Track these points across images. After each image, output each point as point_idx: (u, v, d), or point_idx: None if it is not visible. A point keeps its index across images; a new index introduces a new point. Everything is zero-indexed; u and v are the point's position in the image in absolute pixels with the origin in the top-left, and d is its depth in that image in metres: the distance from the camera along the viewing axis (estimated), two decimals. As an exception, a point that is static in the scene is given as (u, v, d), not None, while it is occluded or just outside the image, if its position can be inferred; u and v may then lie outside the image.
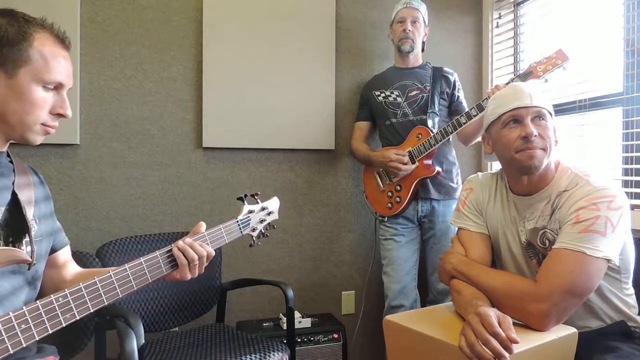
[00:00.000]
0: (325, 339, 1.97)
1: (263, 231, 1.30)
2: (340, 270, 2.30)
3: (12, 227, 0.92)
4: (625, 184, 1.78)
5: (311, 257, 2.26)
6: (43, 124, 0.92)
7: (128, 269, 0.94)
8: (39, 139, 0.94)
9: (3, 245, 0.89)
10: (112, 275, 0.91)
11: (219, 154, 2.10)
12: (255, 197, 1.30)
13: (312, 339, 1.95)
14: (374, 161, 2.01)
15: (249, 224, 1.24)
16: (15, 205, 0.94)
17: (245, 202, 1.25)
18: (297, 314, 1.96)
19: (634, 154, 1.75)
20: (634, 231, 1.18)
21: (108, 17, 1.92)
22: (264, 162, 2.17)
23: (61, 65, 0.92)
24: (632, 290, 1.18)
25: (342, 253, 2.31)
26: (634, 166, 1.75)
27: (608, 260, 1.02)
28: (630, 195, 1.73)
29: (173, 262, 1.03)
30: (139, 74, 1.97)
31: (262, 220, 1.29)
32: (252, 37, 2.09)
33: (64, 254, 1.12)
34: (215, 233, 1.12)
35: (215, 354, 1.52)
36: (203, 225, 1.11)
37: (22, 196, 0.95)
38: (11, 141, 0.96)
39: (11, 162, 0.99)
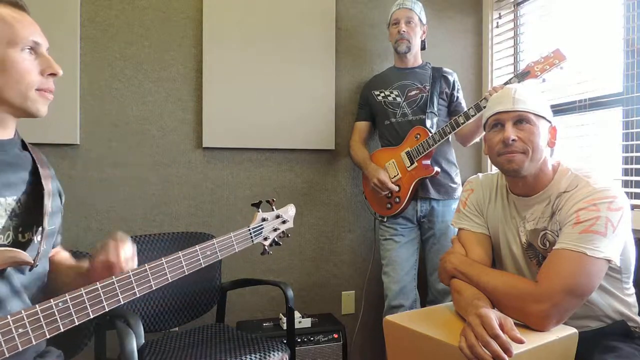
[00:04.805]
0: (325, 339, 1.97)
1: (276, 240, 1.23)
2: (340, 270, 2.30)
3: (24, 219, 0.91)
4: (625, 184, 1.78)
5: (311, 257, 2.25)
6: (38, 89, 0.90)
7: (132, 275, 0.94)
8: (42, 108, 0.92)
9: (12, 236, 0.89)
10: (115, 282, 0.91)
11: (219, 154, 2.10)
12: (271, 203, 1.23)
13: (312, 339, 1.95)
14: (367, 172, 2.02)
15: (261, 232, 1.18)
16: (32, 197, 0.94)
17: (259, 209, 1.19)
18: (297, 314, 1.96)
19: (634, 154, 1.75)
20: (634, 231, 1.18)
21: (108, 17, 1.92)
22: (264, 162, 2.17)
23: (25, 26, 0.90)
24: (632, 290, 1.18)
25: (342, 253, 2.31)
26: (634, 166, 1.75)
27: (609, 261, 1.02)
28: (630, 195, 1.73)
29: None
30: (139, 74, 1.97)
31: (275, 229, 1.22)
32: (252, 36, 2.09)
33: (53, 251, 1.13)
34: (225, 241, 1.08)
35: (215, 354, 1.52)
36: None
37: (46, 188, 0.96)
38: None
39: (29, 153, 0.99)
